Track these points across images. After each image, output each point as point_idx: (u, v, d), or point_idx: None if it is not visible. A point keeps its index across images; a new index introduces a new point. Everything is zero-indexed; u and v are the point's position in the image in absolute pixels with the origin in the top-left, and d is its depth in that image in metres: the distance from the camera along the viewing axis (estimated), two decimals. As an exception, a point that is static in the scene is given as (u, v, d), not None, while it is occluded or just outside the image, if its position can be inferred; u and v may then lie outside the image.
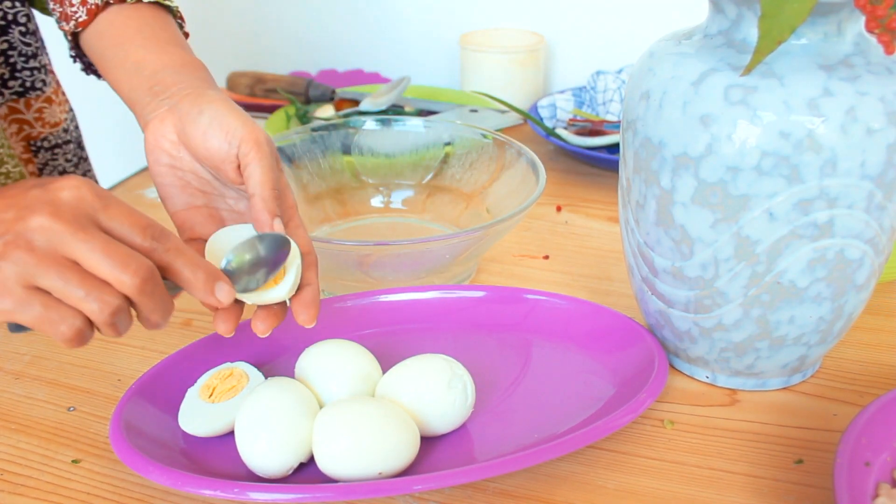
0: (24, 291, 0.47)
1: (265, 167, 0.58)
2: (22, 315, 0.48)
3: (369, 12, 1.34)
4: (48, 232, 0.48)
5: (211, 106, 0.59)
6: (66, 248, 0.48)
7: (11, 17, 0.83)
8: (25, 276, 0.47)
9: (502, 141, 0.84)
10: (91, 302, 0.48)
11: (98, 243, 0.48)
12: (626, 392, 0.60)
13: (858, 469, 0.51)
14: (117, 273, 0.48)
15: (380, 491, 0.52)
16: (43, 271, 0.47)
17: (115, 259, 0.48)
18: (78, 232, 0.48)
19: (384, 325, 0.69)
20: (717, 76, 0.55)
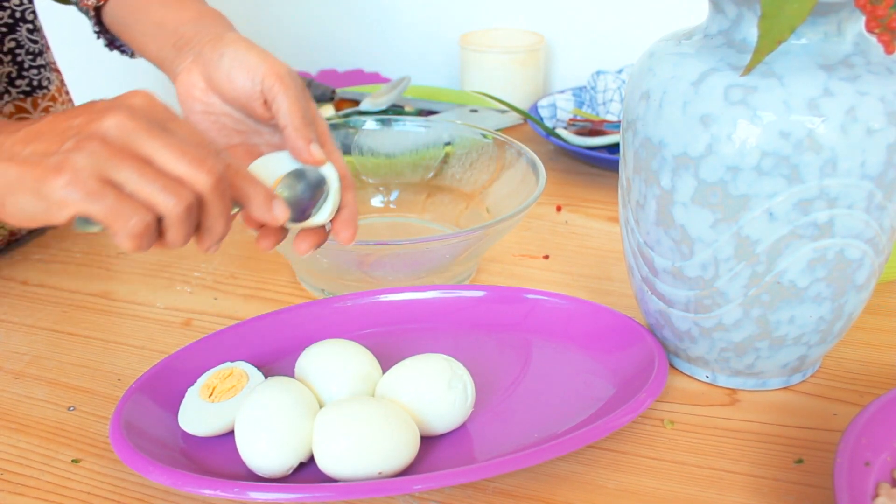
0: (98, 183, 0.48)
1: (291, 98, 0.59)
2: (93, 206, 0.47)
3: (369, 12, 1.34)
4: (123, 129, 0.49)
5: (229, 48, 0.61)
6: (140, 146, 0.49)
7: (19, 15, 0.82)
8: (100, 168, 0.48)
9: (502, 141, 0.84)
10: (167, 196, 0.48)
11: (174, 142, 0.49)
12: (626, 392, 0.60)
13: (858, 469, 0.51)
14: (193, 170, 0.49)
15: (380, 491, 0.52)
16: (118, 164, 0.48)
17: (190, 157, 0.49)
18: (153, 130, 0.49)
19: (384, 325, 0.69)
20: (717, 76, 0.55)
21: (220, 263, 0.82)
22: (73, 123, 0.50)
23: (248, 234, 0.85)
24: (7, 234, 0.84)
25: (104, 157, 0.48)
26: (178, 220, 0.49)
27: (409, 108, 1.17)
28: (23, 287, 0.79)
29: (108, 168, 0.48)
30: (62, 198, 0.47)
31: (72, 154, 0.48)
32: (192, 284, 0.79)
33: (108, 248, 0.85)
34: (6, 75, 0.82)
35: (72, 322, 0.74)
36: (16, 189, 0.49)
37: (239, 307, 0.75)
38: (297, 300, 0.76)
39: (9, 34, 0.82)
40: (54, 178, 0.48)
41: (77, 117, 0.50)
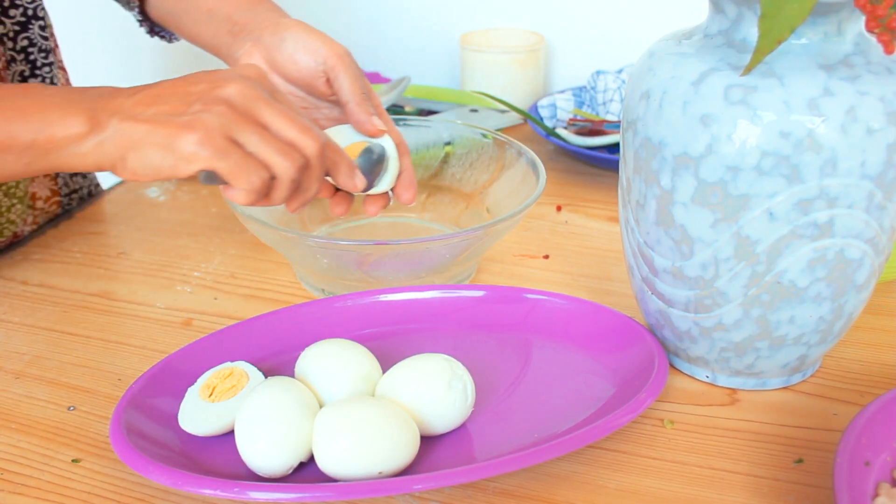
0: (225, 142, 0.54)
1: (351, 76, 0.66)
2: (221, 162, 0.53)
3: (369, 12, 1.34)
4: (245, 97, 0.55)
5: (290, 32, 0.67)
6: (258, 112, 0.55)
7: (32, 13, 0.82)
8: (227, 129, 0.54)
9: (502, 141, 0.84)
10: (282, 158, 0.55)
11: (285, 110, 0.56)
12: (626, 392, 0.60)
13: (858, 469, 0.51)
14: (303, 136, 0.56)
15: (380, 490, 0.52)
16: (242, 127, 0.54)
17: (300, 125, 0.56)
18: (268, 100, 0.56)
19: (384, 325, 0.69)
20: (717, 76, 0.55)
21: (220, 263, 0.82)
22: (194, 89, 0.56)
23: (248, 234, 0.86)
24: (11, 236, 0.84)
25: (231, 120, 0.54)
26: (288, 180, 0.56)
27: (409, 108, 1.17)
28: (23, 287, 0.79)
29: (234, 129, 0.54)
30: (193, 152, 0.53)
31: (202, 114, 0.54)
32: (192, 284, 0.79)
33: (108, 248, 0.85)
34: (19, 74, 0.82)
35: (72, 322, 0.74)
36: (143, 145, 0.54)
37: (239, 307, 0.75)
38: (297, 300, 0.76)
39: (21, 32, 0.81)
40: (187, 134, 0.53)
41: (197, 84, 0.56)
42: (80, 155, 0.57)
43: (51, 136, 0.56)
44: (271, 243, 0.72)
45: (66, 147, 0.56)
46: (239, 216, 0.71)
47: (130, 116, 0.56)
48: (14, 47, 0.81)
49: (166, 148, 0.54)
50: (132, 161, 0.55)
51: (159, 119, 0.55)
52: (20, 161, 0.57)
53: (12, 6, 0.80)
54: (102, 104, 0.57)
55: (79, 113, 0.56)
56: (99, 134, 0.56)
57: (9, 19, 0.80)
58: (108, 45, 1.45)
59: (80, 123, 0.56)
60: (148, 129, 0.55)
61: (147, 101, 0.56)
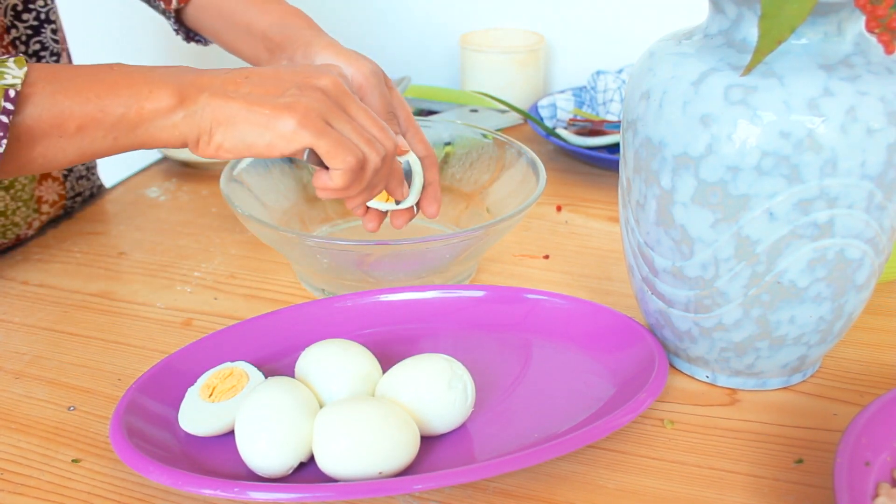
0: (323, 124, 0.58)
1: (377, 96, 0.69)
2: (320, 141, 0.57)
3: (369, 12, 1.34)
4: (336, 89, 0.60)
5: (319, 55, 0.70)
6: (348, 106, 0.60)
7: (44, 16, 0.82)
8: (323, 112, 0.58)
9: (502, 141, 0.84)
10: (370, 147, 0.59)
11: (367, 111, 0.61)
12: (626, 392, 0.60)
13: (858, 469, 0.51)
14: (381, 136, 0.61)
15: (380, 490, 0.52)
16: (336, 114, 0.59)
17: (379, 126, 0.61)
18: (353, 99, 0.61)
19: (384, 325, 0.69)
20: (717, 76, 0.55)
21: (220, 263, 0.82)
22: (286, 76, 0.59)
23: (248, 234, 0.86)
24: (14, 238, 0.84)
25: (327, 105, 0.58)
26: (374, 168, 0.60)
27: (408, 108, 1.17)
28: (23, 287, 0.79)
29: (329, 115, 0.58)
30: (293, 131, 0.57)
31: (301, 98, 0.57)
32: (192, 284, 0.79)
33: (108, 248, 0.85)
34: None
35: (72, 322, 0.74)
36: (238, 121, 0.57)
37: (239, 307, 0.75)
38: (297, 300, 0.76)
39: (34, 36, 0.82)
40: (288, 115, 0.57)
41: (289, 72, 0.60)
42: (167, 128, 0.58)
43: (140, 109, 0.58)
44: (271, 243, 0.72)
45: (155, 120, 0.58)
46: (239, 216, 0.71)
47: (222, 93, 0.58)
48: (26, 51, 0.81)
49: (265, 126, 0.57)
50: (221, 136, 0.58)
51: (254, 99, 0.58)
52: (108, 136, 0.58)
53: (25, 10, 0.80)
54: (190, 80, 0.59)
55: (168, 87, 0.58)
56: (188, 107, 0.58)
57: (22, 23, 0.80)
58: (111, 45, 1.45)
59: (169, 96, 0.58)
60: (243, 107, 0.57)
61: (237, 80, 0.59)
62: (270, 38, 0.74)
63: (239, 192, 0.77)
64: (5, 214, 0.81)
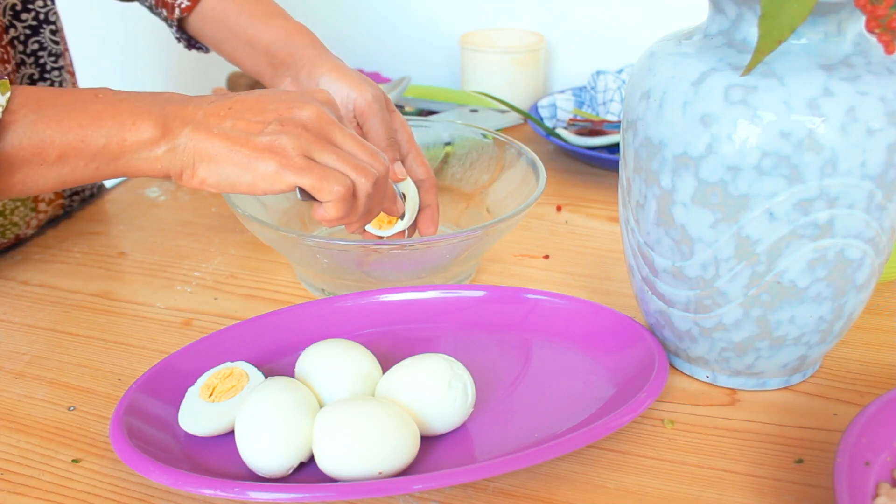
0: (305, 160, 0.56)
1: (377, 123, 0.70)
2: (303, 179, 0.56)
3: (369, 12, 1.34)
4: (318, 119, 0.58)
5: (324, 78, 0.71)
6: (332, 136, 0.58)
7: (43, 17, 0.82)
8: (304, 149, 0.56)
9: (502, 141, 0.84)
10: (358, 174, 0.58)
11: (354, 136, 0.59)
12: (626, 392, 0.60)
13: (858, 469, 0.51)
14: (372, 159, 0.59)
15: (380, 490, 0.52)
16: (319, 147, 0.57)
17: (368, 150, 0.59)
18: (339, 125, 0.59)
19: (384, 325, 0.69)
20: (718, 76, 0.55)
21: (220, 263, 0.82)
22: (269, 107, 0.58)
23: (248, 234, 0.86)
24: (13, 238, 0.84)
25: (308, 140, 0.56)
26: (365, 193, 0.58)
27: (409, 108, 1.17)
28: (23, 287, 0.79)
29: (310, 149, 0.56)
30: (274, 173, 0.55)
31: (280, 136, 0.56)
32: (192, 284, 0.79)
33: (108, 248, 0.85)
34: (28, 77, 0.82)
35: (72, 322, 0.74)
36: (220, 160, 0.56)
37: (239, 307, 0.75)
38: (297, 300, 0.76)
39: (32, 36, 0.82)
40: (268, 157, 0.55)
41: (272, 102, 0.58)
42: (150, 160, 0.58)
43: (122, 141, 0.57)
44: (271, 243, 0.72)
45: (137, 152, 0.57)
46: (239, 216, 0.71)
47: (205, 128, 0.57)
48: (24, 50, 0.81)
49: (246, 167, 0.56)
50: (205, 172, 0.57)
51: (236, 136, 0.56)
52: (89, 166, 0.58)
53: (24, 10, 0.81)
54: (174, 111, 0.58)
55: (151, 118, 0.57)
56: (171, 140, 0.57)
57: (20, 23, 0.80)
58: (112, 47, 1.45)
59: (151, 128, 0.57)
60: (225, 146, 0.56)
61: (220, 113, 0.58)
62: (274, 55, 0.74)
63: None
64: (4, 214, 0.81)
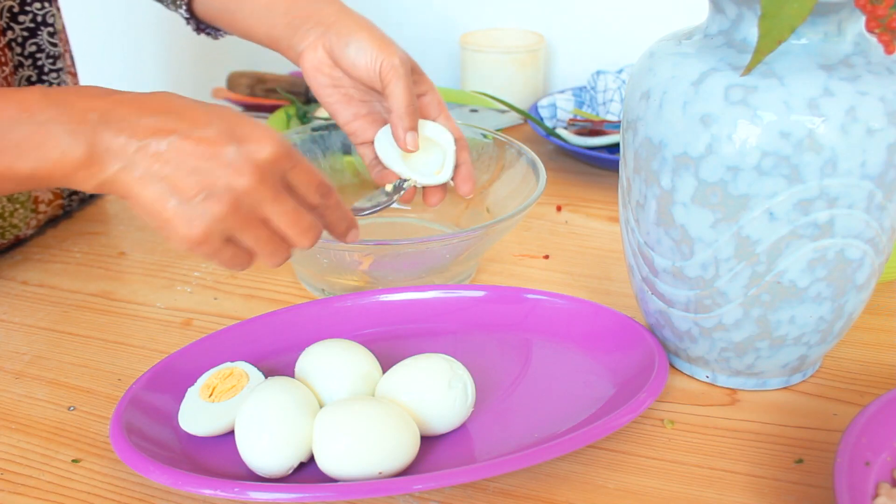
0: (221, 243, 0.55)
1: (401, 87, 0.69)
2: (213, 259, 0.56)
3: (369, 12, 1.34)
4: (253, 195, 0.54)
5: (354, 37, 0.71)
6: (263, 211, 0.55)
7: (41, 19, 0.82)
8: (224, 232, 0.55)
9: (502, 141, 0.84)
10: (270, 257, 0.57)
11: (289, 210, 0.56)
12: (626, 392, 0.60)
13: (858, 469, 0.51)
14: (299, 238, 0.57)
15: (380, 490, 0.52)
16: (242, 232, 0.55)
17: (299, 227, 0.57)
18: (276, 198, 0.55)
19: (384, 325, 0.69)
20: (718, 76, 0.55)
21: (220, 263, 0.82)
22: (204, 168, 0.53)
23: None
24: (13, 239, 0.84)
25: (234, 226, 0.54)
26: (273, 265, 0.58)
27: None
28: (23, 287, 0.79)
29: (232, 231, 0.55)
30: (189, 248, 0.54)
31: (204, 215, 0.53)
32: (192, 284, 0.79)
33: (108, 248, 0.85)
34: (26, 79, 0.82)
35: (72, 322, 0.74)
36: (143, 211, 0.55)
37: (239, 307, 0.75)
38: (297, 300, 0.76)
39: (30, 38, 0.82)
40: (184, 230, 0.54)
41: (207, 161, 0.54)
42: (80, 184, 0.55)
43: (50, 171, 0.54)
44: (271, 243, 0.72)
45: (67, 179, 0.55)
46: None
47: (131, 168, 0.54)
48: (22, 53, 0.81)
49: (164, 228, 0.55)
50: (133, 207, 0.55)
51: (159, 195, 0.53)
52: (21, 187, 0.56)
53: (22, 12, 0.80)
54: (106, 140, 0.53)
55: (78, 148, 0.53)
56: (99, 174, 0.54)
57: (18, 25, 0.80)
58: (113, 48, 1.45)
59: (78, 162, 0.54)
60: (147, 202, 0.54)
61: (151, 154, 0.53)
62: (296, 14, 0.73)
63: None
64: (3, 216, 0.81)
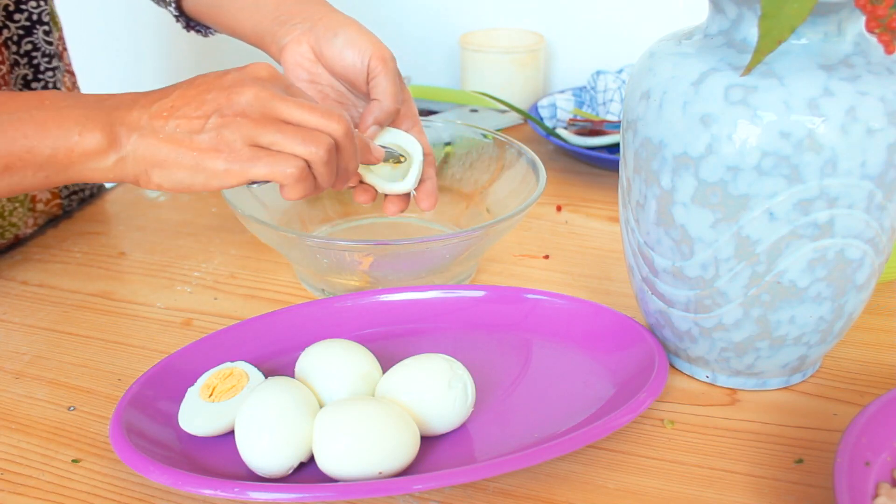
0: (251, 150, 0.55)
1: (389, 80, 0.69)
2: (253, 169, 0.55)
3: (369, 12, 1.34)
4: (259, 100, 0.56)
5: (343, 28, 0.70)
6: (276, 111, 0.56)
7: (36, 17, 0.82)
8: (248, 137, 0.55)
9: (502, 141, 0.84)
10: (308, 145, 0.56)
11: (302, 102, 0.57)
12: (626, 392, 0.60)
13: (858, 469, 0.51)
14: (325, 121, 0.57)
15: (380, 490, 0.52)
16: (262, 131, 0.55)
17: (319, 111, 0.57)
18: (283, 96, 0.57)
19: (384, 325, 0.69)
20: (718, 76, 0.55)
21: (220, 263, 0.82)
22: (208, 98, 0.56)
23: (248, 234, 0.86)
24: (12, 238, 0.84)
25: (250, 129, 0.55)
26: (322, 161, 0.57)
27: (409, 108, 1.17)
28: (23, 287, 0.79)
29: (255, 136, 0.55)
30: (224, 170, 0.55)
31: (222, 131, 0.55)
32: (192, 284, 0.79)
33: (108, 248, 0.85)
34: (22, 77, 0.82)
35: (72, 322, 0.74)
36: (169, 165, 0.55)
37: (239, 307, 0.75)
38: (297, 300, 0.76)
39: (26, 36, 0.82)
40: (214, 156, 0.55)
41: (210, 91, 0.56)
42: (100, 170, 0.57)
43: (69, 152, 0.56)
44: (271, 243, 0.72)
45: (86, 162, 0.57)
46: (239, 216, 0.71)
47: (150, 132, 0.56)
48: (18, 51, 0.81)
49: (195, 169, 0.55)
50: (157, 177, 0.56)
51: (181, 138, 0.56)
52: (38, 175, 0.57)
53: (17, 10, 0.81)
54: (120, 117, 0.57)
55: (97, 128, 0.56)
56: (118, 150, 0.56)
57: (13, 23, 0.81)
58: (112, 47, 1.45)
59: (98, 139, 0.56)
60: (172, 150, 0.56)
61: (163, 114, 0.57)
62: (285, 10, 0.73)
63: (239, 192, 0.76)
64: (3, 215, 0.81)
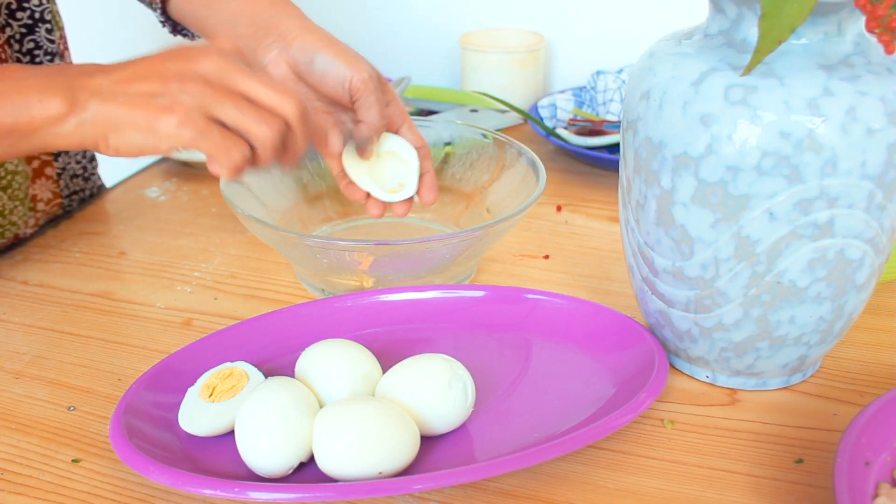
0: (205, 121, 0.55)
1: (373, 99, 0.69)
2: (202, 142, 0.55)
3: (369, 12, 1.34)
4: (219, 70, 0.56)
5: (319, 53, 0.69)
6: (235, 83, 0.56)
7: (39, 16, 0.83)
8: (205, 107, 0.55)
9: (502, 141, 0.84)
10: (262, 125, 0.56)
11: (262, 78, 0.57)
12: (626, 392, 0.60)
13: (858, 469, 0.51)
14: (281, 99, 0.57)
15: (380, 490, 0.52)
16: (220, 101, 0.55)
17: (277, 90, 0.57)
18: (243, 69, 0.57)
19: (384, 325, 0.69)
20: (718, 76, 0.55)
21: (220, 263, 0.82)
22: (171, 66, 0.56)
23: (248, 234, 0.86)
24: (12, 237, 0.84)
25: (208, 96, 0.55)
26: (270, 146, 0.57)
27: (409, 108, 1.17)
28: (23, 287, 0.79)
29: (212, 105, 0.55)
30: (174, 134, 0.55)
31: (180, 95, 0.55)
32: (192, 284, 0.79)
33: (108, 248, 0.85)
34: None
35: (72, 322, 0.74)
36: (125, 126, 0.56)
37: (239, 307, 0.75)
38: (297, 300, 0.76)
39: (28, 35, 0.82)
40: (168, 117, 0.55)
41: (173, 60, 0.57)
42: (62, 135, 0.57)
43: (31, 119, 0.57)
44: (271, 243, 0.72)
45: (48, 128, 0.57)
46: (239, 216, 0.71)
47: (110, 97, 0.57)
48: (20, 49, 0.81)
49: (147, 129, 0.56)
50: (115, 140, 0.57)
51: (138, 101, 0.56)
52: (2, 143, 0.58)
53: (20, 9, 0.81)
54: (81, 83, 0.57)
55: (57, 93, 0.57)
56: (79, 114, 0.57)
57: (16, 21, 0.81)
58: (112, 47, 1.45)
59: (59, 104, 0.56)
60: (128, 112, 0.56)
61: (125, 79, 0.57)
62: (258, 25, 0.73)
63: (239, 192, 0.77)
64: (3, 214, 0.81)
